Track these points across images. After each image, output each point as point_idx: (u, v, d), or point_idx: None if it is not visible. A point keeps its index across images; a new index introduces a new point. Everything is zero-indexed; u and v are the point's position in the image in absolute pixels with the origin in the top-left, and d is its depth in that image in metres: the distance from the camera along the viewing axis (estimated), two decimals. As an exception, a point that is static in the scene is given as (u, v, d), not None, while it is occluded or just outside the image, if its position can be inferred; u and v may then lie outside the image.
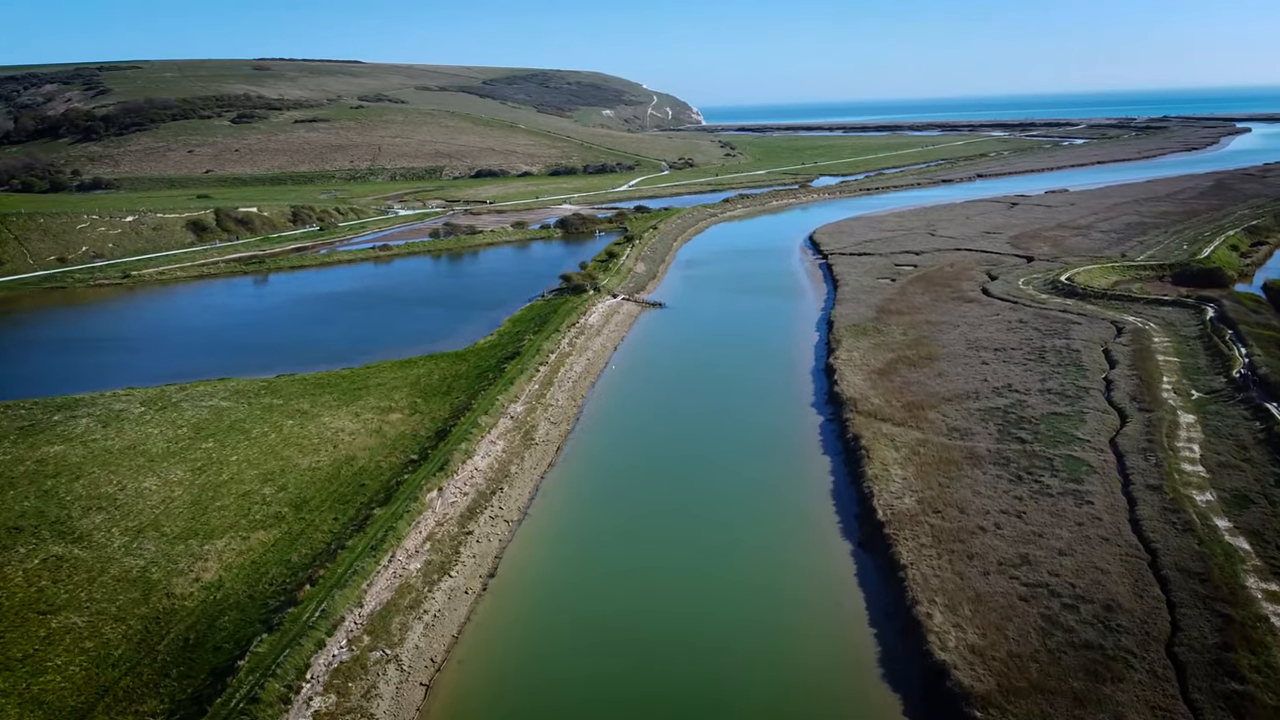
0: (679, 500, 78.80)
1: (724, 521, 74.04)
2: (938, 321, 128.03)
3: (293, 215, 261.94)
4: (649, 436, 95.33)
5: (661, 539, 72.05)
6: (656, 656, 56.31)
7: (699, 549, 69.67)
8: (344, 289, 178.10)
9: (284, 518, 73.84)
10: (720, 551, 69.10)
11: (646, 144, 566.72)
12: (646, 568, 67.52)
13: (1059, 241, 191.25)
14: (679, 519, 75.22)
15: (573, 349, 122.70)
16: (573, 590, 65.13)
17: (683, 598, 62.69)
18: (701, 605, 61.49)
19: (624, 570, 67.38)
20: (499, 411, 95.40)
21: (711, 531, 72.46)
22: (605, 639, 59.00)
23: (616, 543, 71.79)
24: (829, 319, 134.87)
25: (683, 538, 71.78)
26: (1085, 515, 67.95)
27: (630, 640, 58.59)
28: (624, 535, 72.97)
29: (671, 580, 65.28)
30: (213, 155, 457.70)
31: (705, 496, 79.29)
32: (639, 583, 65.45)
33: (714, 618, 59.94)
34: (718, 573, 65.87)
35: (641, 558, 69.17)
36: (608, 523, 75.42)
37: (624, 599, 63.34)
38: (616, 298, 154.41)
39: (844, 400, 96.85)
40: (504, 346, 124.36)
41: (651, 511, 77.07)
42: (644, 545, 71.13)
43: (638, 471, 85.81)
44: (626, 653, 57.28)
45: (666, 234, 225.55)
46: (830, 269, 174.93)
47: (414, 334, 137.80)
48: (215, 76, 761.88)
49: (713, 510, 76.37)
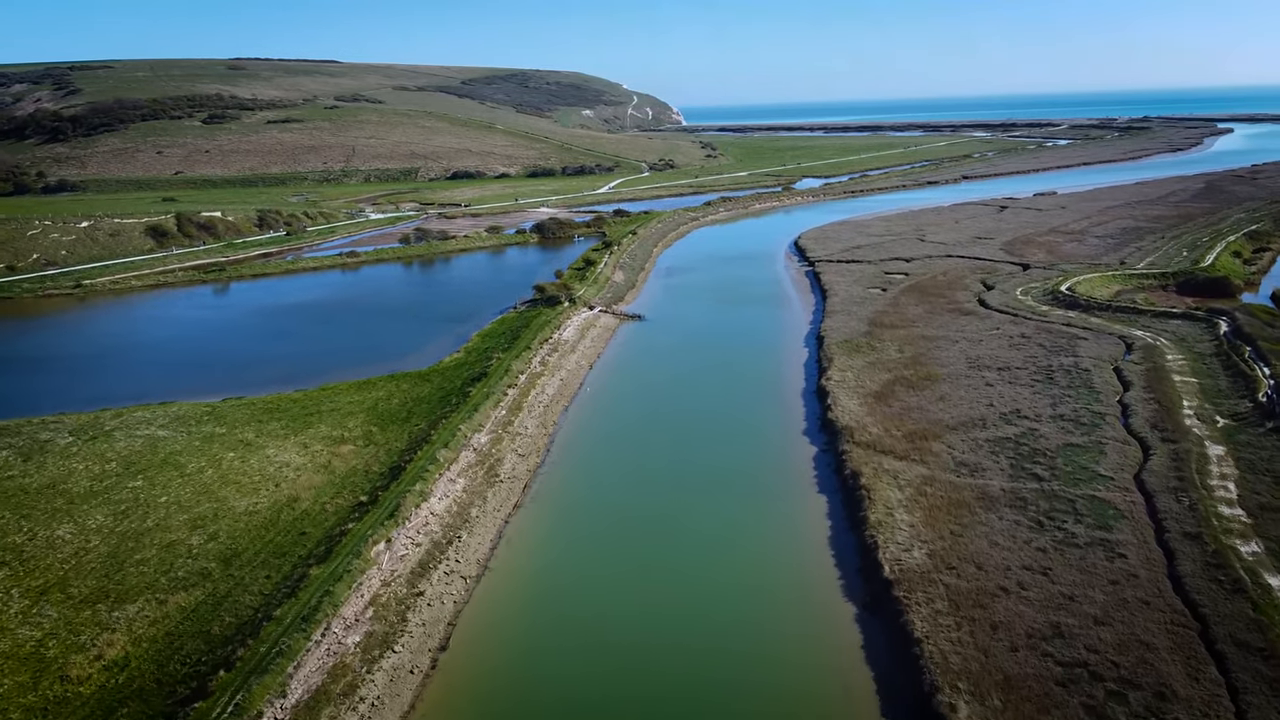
0: (658, 552, 70.27)
1: (710, 578, 65.58)
2: (935, 337, 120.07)
3: (258, 219, 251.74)
4: (624, 473, 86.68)
5: (636, 600, 63.54)
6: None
7: (681, 614, 61.09)
8: (307, 299, 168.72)
9: (210, 575, 64.88)
10: (706, 617, 60.55)
11: (627, 145, 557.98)
12: (618, 638, 58.87)
13: (1054, 248, 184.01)
14: (658, 574, 66.71)
15: (545, 368, 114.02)
16: (535, 666, 56.43)
17: (663, 680, 54.16)
18: (688, 691, 52.98)
19: (595, 642, 58.67)
20: (461, 443, 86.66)
21: (695, 591, 63.98)
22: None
23: (585, 606, 63.11)
24: (819, 333, 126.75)
25: (662, 600, 63.24)
26: (1119, 572, 59.92)
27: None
28: (594, 596, 64.37)
29: (648, 656, 56.67)
30: (182, 156, 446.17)
31: (689, 545, 70.77)
32: (611, 657, 56.85)
33: (701, 715, 51.48)
34: (703, 643, 57.35)
35: (613, 625, 60.54)
36: (576, 580, 66.72)
37: (595, 678, 54.77)
38: (593, 309, 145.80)
39: (839, 429, 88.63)
40: (471, 365, 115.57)
41: (626, 566, 68.50)
42: (615, 609, 62.52)
43: (612, 515, 77.12)
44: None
45: (646, 239, 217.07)
46: (818, 277, 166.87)
47: (377, 350, 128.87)
48: (189, 76, 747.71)
49: (697, 563, 67.90)
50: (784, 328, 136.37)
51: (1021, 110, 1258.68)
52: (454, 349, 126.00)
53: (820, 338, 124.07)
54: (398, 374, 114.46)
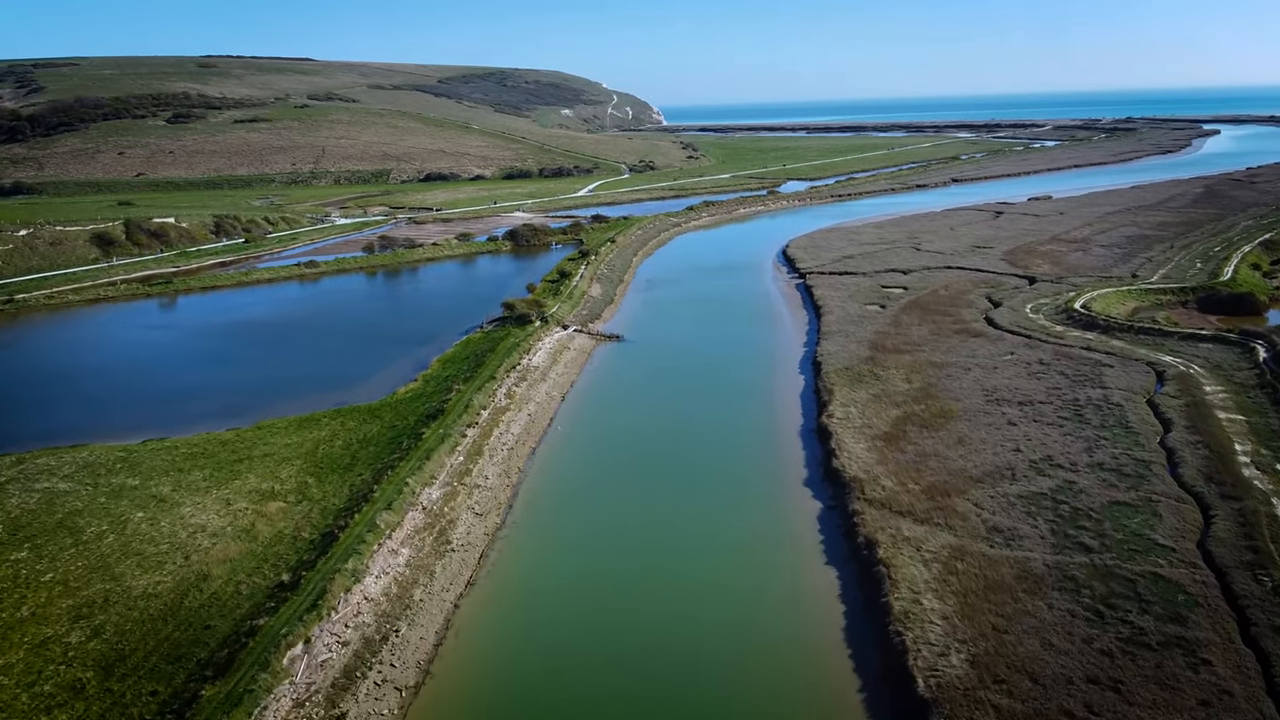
0: (637, 651, 58.20)
1: (698, 684, 53.62)
2: (944, 363, 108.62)
3: (215, 226, 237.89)
4: (596, 537, 74.51)
5: (610, 712, 51.59)
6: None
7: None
8: (258, 316, 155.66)
9: (82, 691, 52.36)
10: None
11: (606, 145, 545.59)
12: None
13: (1058, 258, 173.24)
14: (633, 673, 54.71)
15: (511, 401, 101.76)
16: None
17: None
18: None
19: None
20: (408, 501, 74.37)
21: (680, 704, 52.04)
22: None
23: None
24: (815, 358, 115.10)
25: (639, 714, 51.31)
26: (1208, 688, 48.43)
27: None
28: (561, 710, 52.30)
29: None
30: (145, 157, 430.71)
31: (669, 638, 58.70)
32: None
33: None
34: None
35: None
36: (537, 685, 54.59)
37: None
38: (567, 329, 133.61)
39: (847, 481, 76.89)
40: (429, 398, 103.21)
41: (595, 665, 56.45)
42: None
43: (579, 597, 64.97)
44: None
45: (626, 248, 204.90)
46: (810, 291, 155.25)
47: (326, 377, 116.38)
48: (157, 74, 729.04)
49: (680, 665, 55.91)
50: (776, 351, 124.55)
51: (1002, 110, 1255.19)
52: (411, 377, 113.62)
53: (817, 364, 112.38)
54: (345, 408, 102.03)
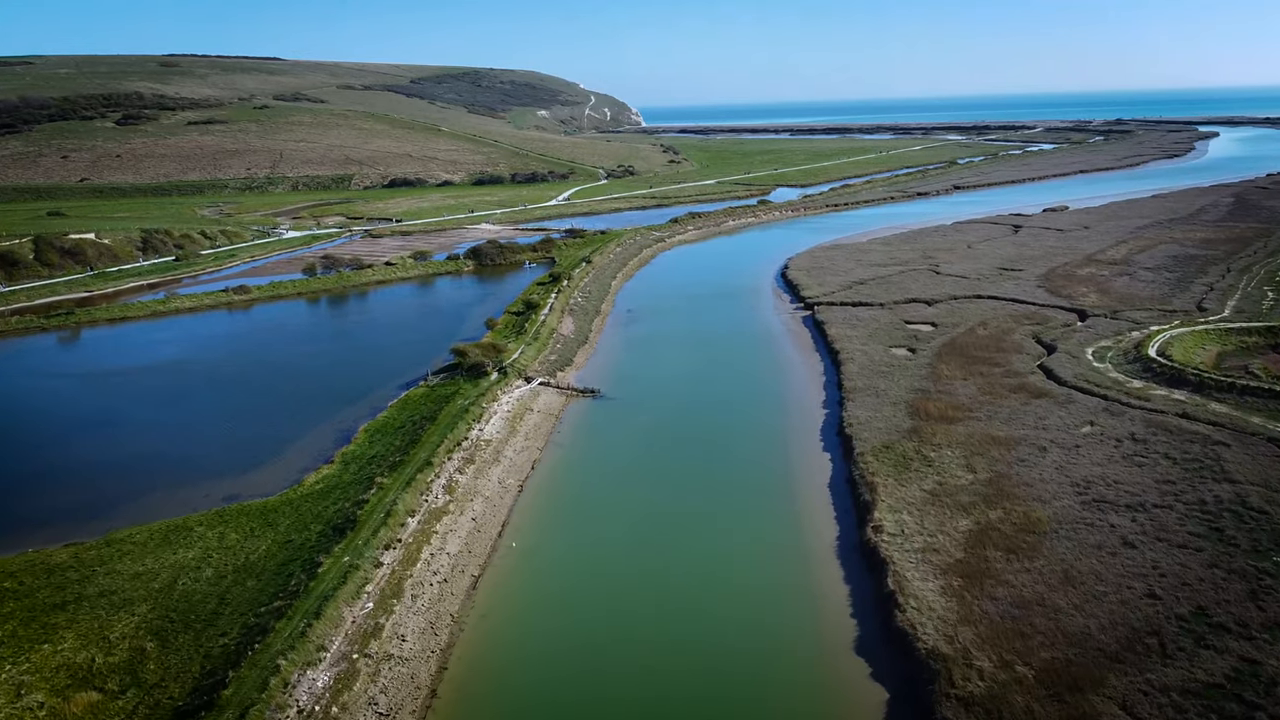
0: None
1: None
2: (1009, 438, 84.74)
3: (142, 242, 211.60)
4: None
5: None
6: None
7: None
8: (165, 358, 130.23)
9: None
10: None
11: (583, 149, 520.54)
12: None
13: (1103, 285, 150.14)
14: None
15: (451, 498, 77.13)
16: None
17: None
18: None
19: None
20: (275, 698, 49.73)
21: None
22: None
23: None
24: (842, 427, 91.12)
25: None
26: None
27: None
28: None
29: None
30: (90, 162, 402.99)
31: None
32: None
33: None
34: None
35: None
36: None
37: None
38: (531, 381, 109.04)
39: (922, 657, 52.81)
40: (344, 492, 78.57)
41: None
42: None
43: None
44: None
45: (603, 269, 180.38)
46: (820, 328, 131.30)
47: (222, 453, 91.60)
48: (116, 73, 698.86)
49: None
50: (789, 414, 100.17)
51: (984, 112, 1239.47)
52: (329, 455, 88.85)
53: (846, 437, 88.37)
54: (233, 508, 77.29)
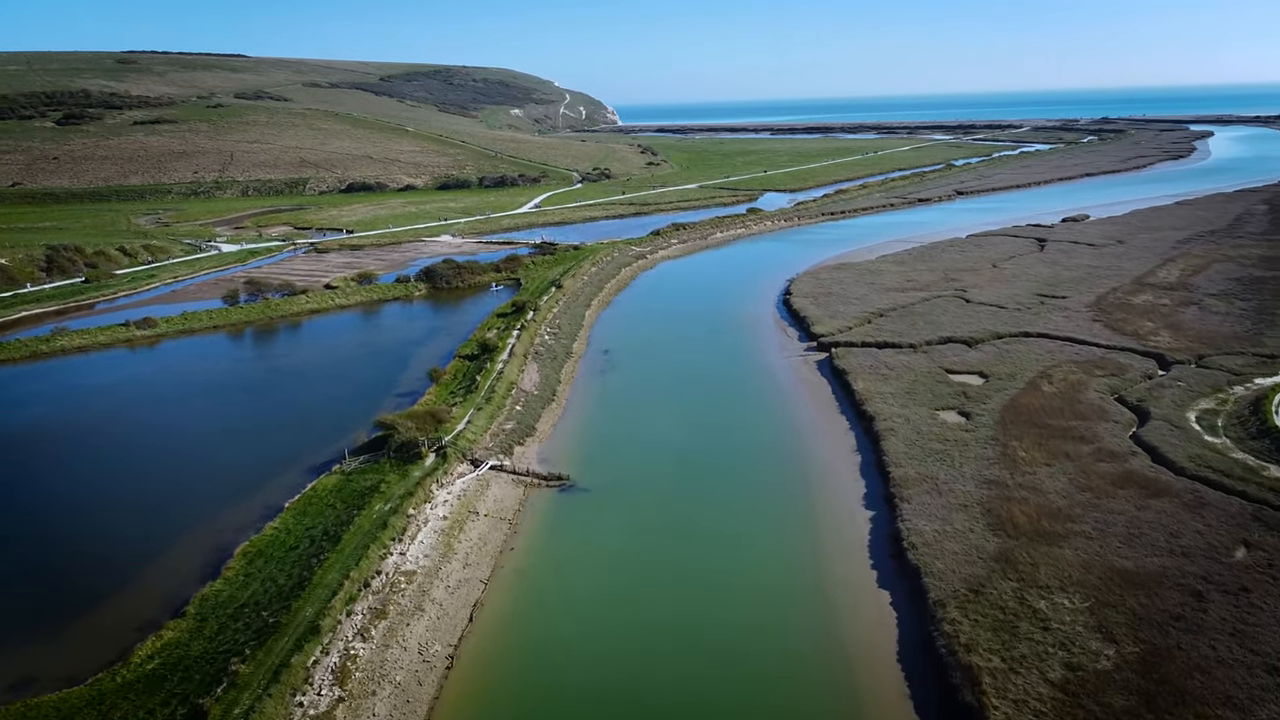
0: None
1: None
2: (1142, 574, 60.13)
3: (47, 261, 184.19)
4: None
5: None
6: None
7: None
8: (30, 419, 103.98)
9: None
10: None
11: (557, 149, 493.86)
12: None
13: (1168, 317, 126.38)
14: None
15: (340, 700, 51.61)
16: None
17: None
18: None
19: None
20: None
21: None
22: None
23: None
24: (901, 549, 66.18)
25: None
26: None
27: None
28: None
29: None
30: (24, 165, 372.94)
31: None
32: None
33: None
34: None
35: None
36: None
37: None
38: (479, 467, 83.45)
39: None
40: (184, 678, 52.90)
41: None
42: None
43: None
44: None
45: (576, 296, 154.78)
46: (843, 380, 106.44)
47: (51, 581, 66.03)
48: (69, 70, 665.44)
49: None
50: (818, 519, 74.75)
51: (963, 110, 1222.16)
52: (188, 593, 63.19)
53: (909, 566, 63.53)
54: (41, 701, 51.54)
